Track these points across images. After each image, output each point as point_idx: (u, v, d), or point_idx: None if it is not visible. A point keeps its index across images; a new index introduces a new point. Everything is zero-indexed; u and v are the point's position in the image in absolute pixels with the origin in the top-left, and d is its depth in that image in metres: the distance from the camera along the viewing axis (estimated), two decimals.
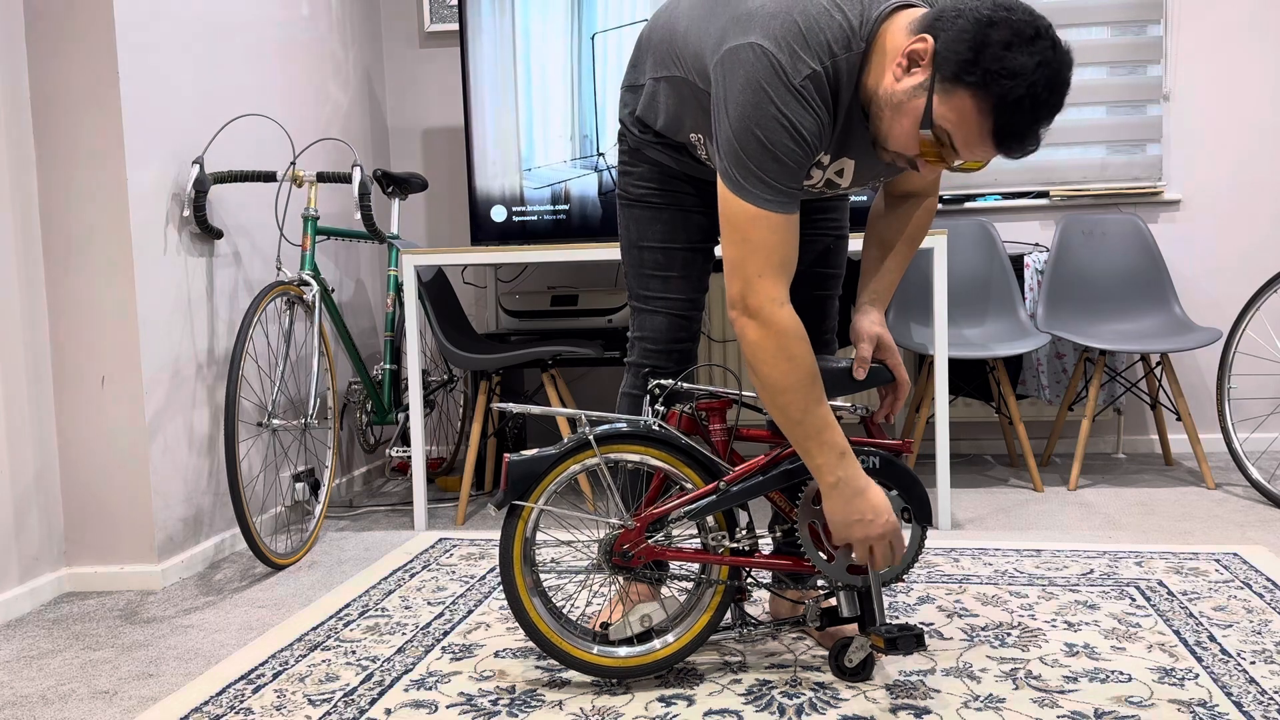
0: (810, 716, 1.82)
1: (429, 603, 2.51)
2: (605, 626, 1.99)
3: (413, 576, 2.72)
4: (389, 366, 3.58)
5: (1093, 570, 2.58)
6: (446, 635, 2.29)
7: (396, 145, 4.33)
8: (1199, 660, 2.01)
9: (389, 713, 1.90)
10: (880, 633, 1.85)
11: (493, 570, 2.75)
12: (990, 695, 1.88)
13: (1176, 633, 2.16)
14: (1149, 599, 2.36)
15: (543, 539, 3.01)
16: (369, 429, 3.79)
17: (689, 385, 2.00)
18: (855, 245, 2.50)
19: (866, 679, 1.95)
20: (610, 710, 1.87)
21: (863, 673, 1.95)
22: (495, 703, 1.92)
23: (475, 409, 3.49)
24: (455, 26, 4.21)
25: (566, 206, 3.78)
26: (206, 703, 1.97)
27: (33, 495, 2.64)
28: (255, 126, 3.25)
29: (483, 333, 4.02)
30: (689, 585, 2.29)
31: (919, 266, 3.77)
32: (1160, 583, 2.47)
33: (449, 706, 1.92)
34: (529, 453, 1.92)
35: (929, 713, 1.82)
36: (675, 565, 2.50)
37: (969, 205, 4.03)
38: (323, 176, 3.15)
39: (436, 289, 3.55)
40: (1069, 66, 1.60)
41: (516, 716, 1.86)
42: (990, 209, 4.04)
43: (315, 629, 2.35)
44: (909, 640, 1.84)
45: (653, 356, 2.10)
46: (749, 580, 2.01)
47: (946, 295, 3.03)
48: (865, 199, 3.57)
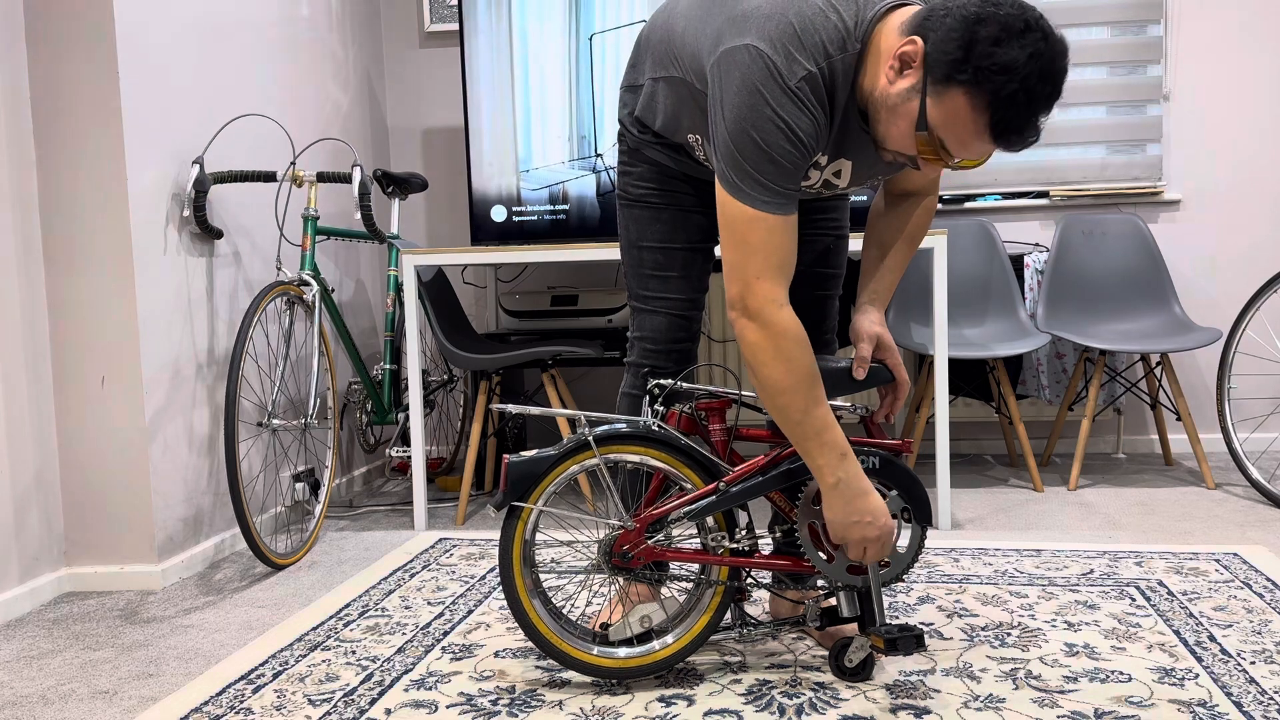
0: (810, 716, 1.82)
1: (429, 603, 2.51)
2: (605, 627, 1.99)
3: (413, 576, 2.72)
4: (389, 366, 3.58)
5: (1093, 570, 2.58)
6: (446, 635, 2.29)
7: (396, 145, 4.33)
8: (1199, 660, 2.01)
9: (389, 713, 1.90)
10: (880, 633, 1.85)
11: (493, 570, 2.75)
12: (990, 695, 1.88)
13: (1176, 633, 2.16)
14: (1149, 599, 2.36)
15: (542, 539, 3.01)
16: (369, 429, 3.79)
17: (689, 385, 2.00)
18: (855, 245, 2.50)
19: (866, 679, 1.95)
20: (610, 710, 1.87)
21: (863, 673, 1.95)
22: (495, 703, 1.93)
23: (475, 409, 3.49)
24: (455, 26, 4.21)
25: (566, 206, 3.78)
26: (206, 703, 1.97)
27: (33, 495, 2.64)
28: (255, 126, 3.25)
29: (483, 333, 4.02)
30: (689, 586, 2.29)
31: (919, 266, 3.77)
32: (1160, 583, 2.47)
33: (449, 706, 1.92)
34: (528, 453, 1.92)
35: (929, 713, 1.82)
36: (675, 566, 2.50)
37: (969, 205, 4.03)
38: (323, 176, 3.15)
39: (436, 289, 3.55)
40: (1063, 54, 1.58)
41: (516, 716, 1.86)
42: (990, 209, 4.04)
43: (315, 629, 2.35)
44: (909, 640, 1.84)
45: (652, 356, 2.10)
46: (749, 580, 2.01)
47: (946, 295, 3.03)
48: (865, 198, 3.57)
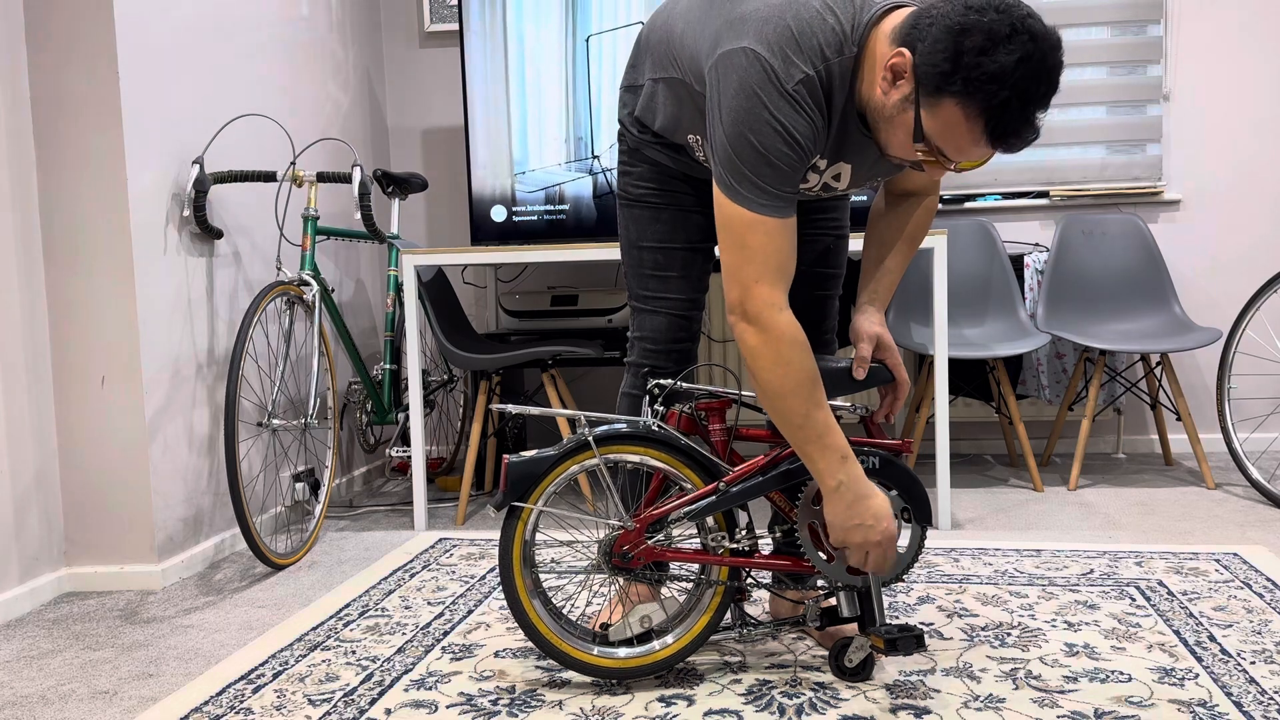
0: (810, 716, 1.82)
1: (429, 603, 2.51)
2: (605, 627, 1.99)
3: (413, 576, 2.72)
4: (389, 366, 3.58)
5: (1093, 570, 2.58)
6: (446, 635, 2.29)
7: (396, 145, 4.33)
8: (1199, 660, 2.01)
9: (389, 713, 1.90)
10: (880, 633, 1.85)
11: (493, 570, 2.75)
12: (990, 695, 1.88)
13: (1176, 633, 2.16)
14: (1149, 599, 2.36)
15: (542, 540, 3.01)
16: (369, 429, 3.79)
17: (688, 385, 2.00)
18: (855, 245, 2.50)
19: (866, 679, 1.95)
20: (610, 710, 1.87)
21: (863, 673, 1.95)
22: (495, 703, 1.93)
23: (475, 409, 3.49)
24: (455, 26, 4.21)
25: (566, 206, 3.78)
26: (206, 703, 1.97)
27: (33, 495, 2.64)
28: (255, 126, 3.25)
29: (483, 333, 4.02)
30: (689, 586, 2.29)
31: (919, 266, 3.77)
32: (1160, 583, 2.47)
33: (449, 706, 1.92)
34: (528, 453, 1.92)
35: (929, 713, 1.82)
36: (675, 566, 2.50)
37: (969, 205, 4.03)
38: (323, 176, 3.14)
39: (436, 289, 3.55)
40: (1055, 50, 1.56)
41: (516, 716, 1.86)
42: (990, 209, 4.04)
43: (315, 629, 2.35)
44: (909, 641, 1.84)
45: (652, 356, 2.10)
46: (749, 580, 2.01)
47: (946, 295, 3.03)
48: (865, 198, 3.57)
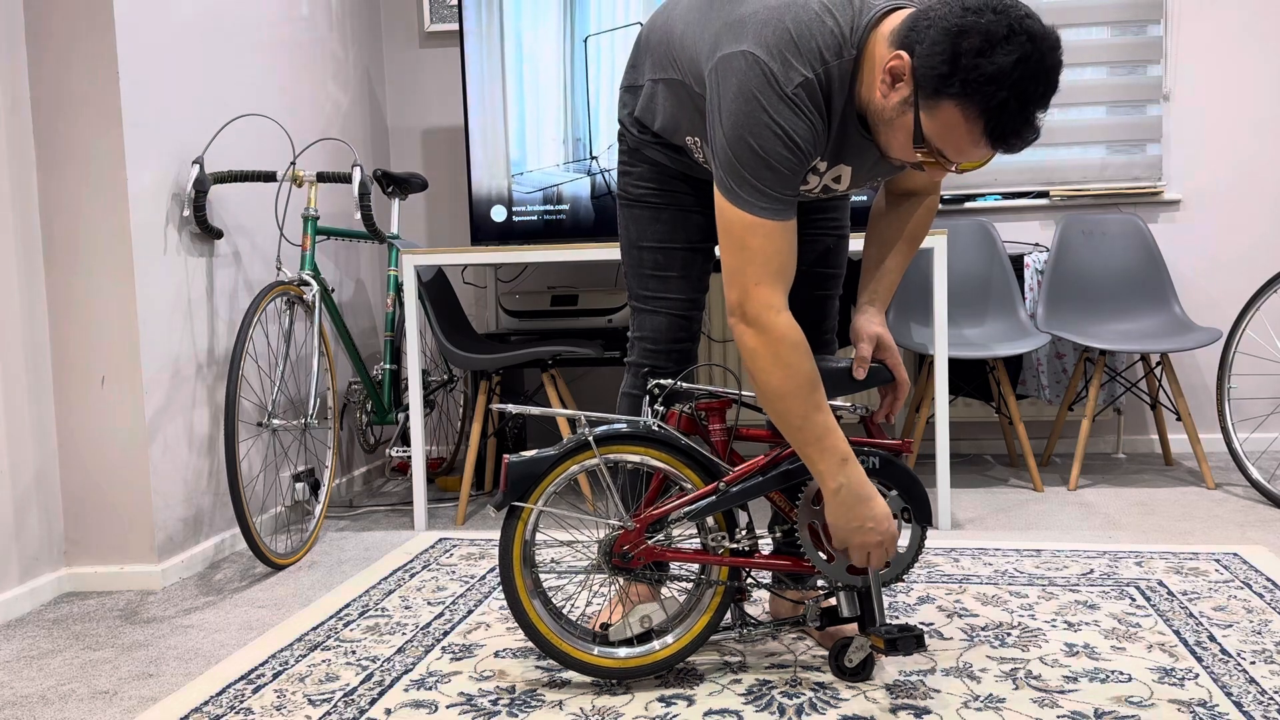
0: (810, 716, 1.82)
1: (429, 603, 2.51)
2: (605, 627, 1.99)
3: (413, 576, 2.72)
4: (389, 366, 3.58)
5: (1093, 570, 2.58)
6: (446, 635, 2.29)
7: (396, 145, 4.33)
8: (1199, 660, 2.01)
9: (389, 713, 1.90)
10: (880, 633, 1.85)
11: (493, 570, 2.75)
12: (990, 695, 1.88)
13: (1176, 633, 2.16)
14: (1149, 599, 2.36)
15: (542, 539, 3.01)
16: (369, 429, 3.79)
17: (689, 385, 2.00)
18: (856, 245, 2.50)
19: (866, 679, 1.95)
20: (610, 710, 1.87)
21: (863, 673, 1.95)
22: (495, 703, 1.93)
23: (475, 409, 3.49)
24: (455, 26, 4.21)
25: (565, 206, 3.78)
26: (206, 703, 1.97)
27: (33, 495, 2.64)
28: (255, 126, 3.25)
29: (483, 333, 4.02)
30: (689, 586, 2.29)
31: (919, 266, 3.77)
32: (1160, 583, 2.47)
33: (449, 706, 1.92)
34: (528, 453, 1.92)
35: (929, 713, 1.82)
36: (675, 566, 2.50)
37: (969, 205, 4.03)
38: (323, 176, 3.14)
39: (436, 289, 3.55)
40: (1054, 49, 1.56)
41: (516, 716, 1.86)
42: (990, 209, 4.04)
43: (315, 629, 2.35)
44: (909, 641, 1.84)
45: (652, 356, 2.10)
46: (749, 580, 2.01)
47: (946, 295, 3.03)
48: (865, 198, 3.57)
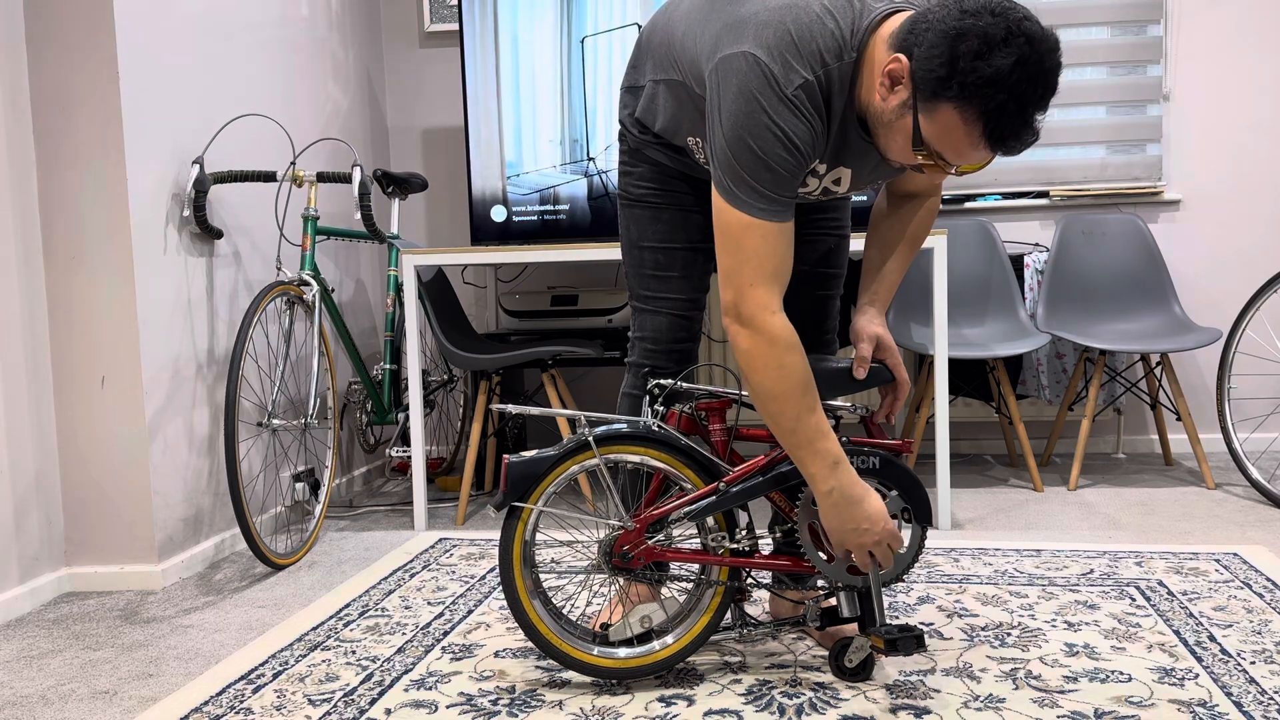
0: (810, 716, 1.82)
1: (429, 603, 2.51)
2: (605, 627, 1.99)
3: (413, 576, 2.72)
4: (389, 366, 3.58)
5: (1093, 570, 2.58)
6: (446, 635, 2.29)
7: (396, 145, 4.33)
8: (1199, 660, 2.01)
9: (389, 713, 1.90)
10: (880, 633, 1.85)
11: (493, 570, 2.75)
12: (990, 695, 1.88)
13: (1176, 633, 2.16)
14: (1149, 599, 2.36)
15: (542, 540, 3.01)
16: (369, 429, 3.79)
17: (689, 385, 2.00)
18: (856, 245, 2.50)
19: (866, 679, 1.95)
20: (610, 710, 1.87)
21: (863, 673, 1.95)
22: (495, 703, 1.93)
23: (475, 409, 3.49)
24: (455, 26, 4.21)
25: (565, 206, 3.78)
26: (206, 703, 1.97)
27: (33, 495, 2.64)
28: (255, 126, 3.25)
29: (483, 333, 4.02)
30: (689, 586, 2.29)
31: (919, 266, 3.77)
32: (1160, 583, 2.47)
33: (449, 706, 1.92)
34: (528, 454, 1.92)
35: (929, 713, 1.82)
36: (675, 566, 2.50)
37: (969, 205, 4.03)
38: (323, 176, 3.14)
39: (436, 289, 3.55)
40: (1052, 52, 1.56)
41: (516, 716, 1.86)
42: (990, 209, 4.04)
43: (315, 629, 2.35)
44: (909, 641, 1.84)
45: (653, 356, 2.10)
46: (749, 580, 2.01)
47: (946, 295, 3.03)
48: (866, 199, 3.57)
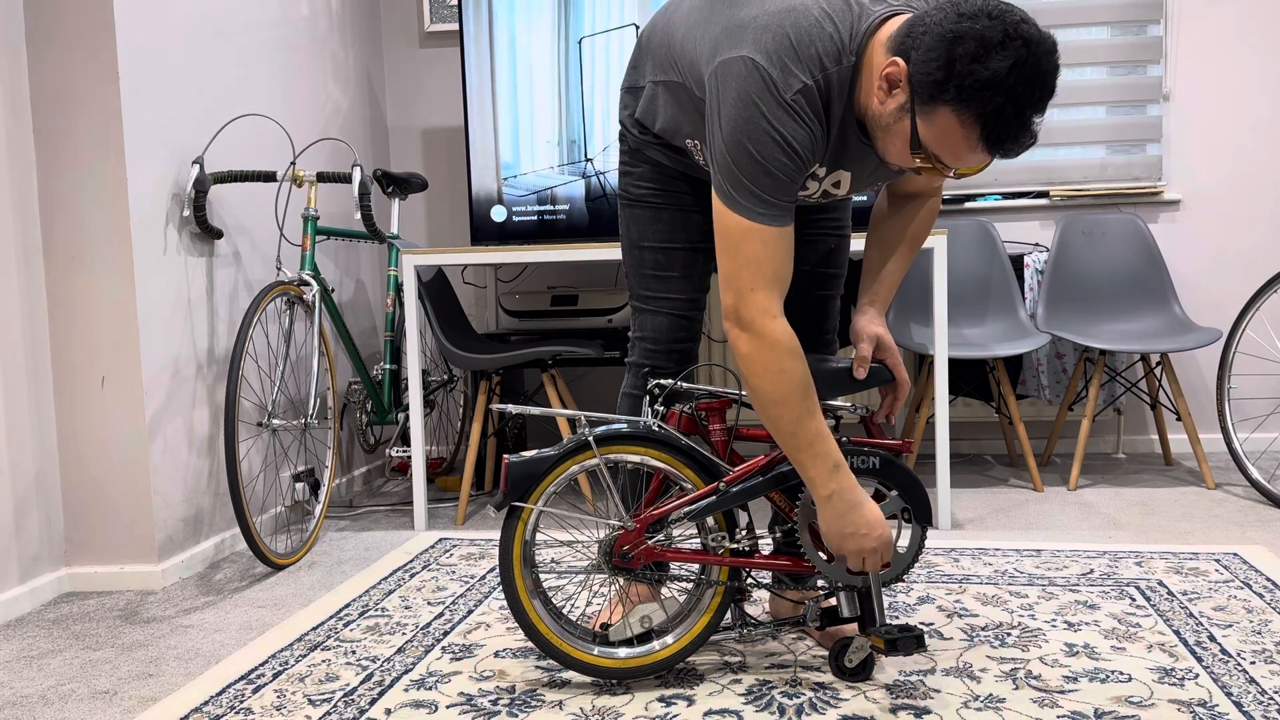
0: (810, 716, 1.82)
1: (429, 603, 2.51)
2: (605, 627, 1.99)
3: (413, 576, 2.72)
4: (389, 366, 3.58)
5: (1093, 570, 2.58)
6: (446, 635, 2.29)
7: (396, 145, 4.33)
8: (1199, 660, 2.01)
9: (389, 713, 1.90)
10: (880, 633, 1.85)
11: (493, 570, 2.75)
12: (990, 695, 1.88)
13: (1176, 633, 2.16)
14: (1149, 599, 2.36)
15: (543, 540, 3.01)
16: (369, 429, 3.79)
17: (689, 385, 2.00)
18: (857, 245, 2.50)
19: (866, 679, 1.95)
20: (610, 710, 1.87)
21: (863, 673, 1.95)
22: (495, 703, 1.93)
23: (475, 409, 3.49)
24: (455, 26, 4.21)
25: (565, 207, 3.78)
26: (206, 703, 1.97)
27: (33, 495, 2.64)
28: (255, 126, 3.25)
29: (483, 333, 4.02)
30: (689, 586, 2.29)
31: (919, 266, 3.77)
32: (1160, 583, 2.47)
33: (449, 706, 1.92)
34: (528, 454, 1.92)
35: (929, 713, 1.82)
36: (675, 566, 2.50)
37: (969, 205, 4.03)
38: (323, 176, 3.14)
39: (436, 289, 3.55)
40: (1050, 54, 1.56)
41: (516, 716, 1.86)
42: (990, 209, 4.04)
43: (315, 629, 2.35)
44: (909, 641, 1.84)
45: (653, 356, 2.10)
46: (749, 580, 2.01)
47: (946, 295, 3.03)
48: (867, 199, 3.57)
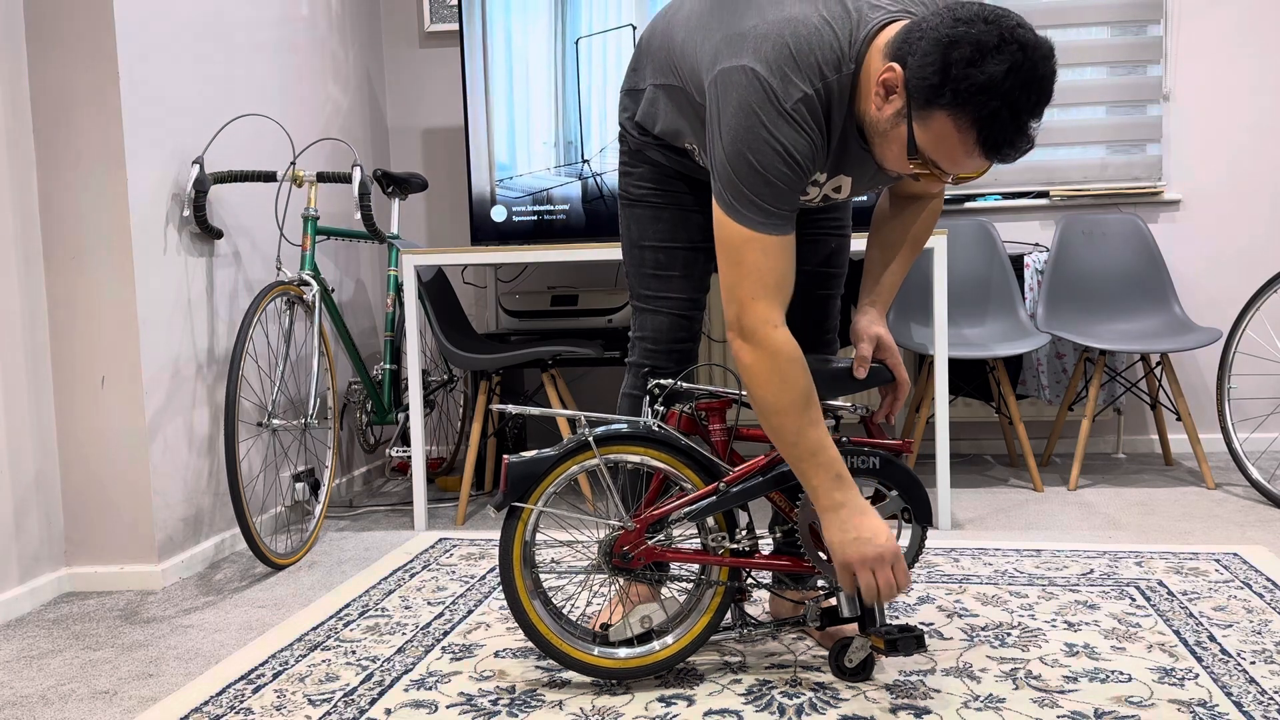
0: (810, 716, 1.82)
1: (429, 603, 2.51)
2: (605, 627, 1.99)
3: (413, 576, 2.72)
4: (389, 366, 3.58)
5: (1093, 570, 2.58)
6: (446, 635, 2.29)
7: (396, 145, 4.33)
8: (1199, 660, 2.01)
9: (389, 713, 1.90)
10: (880, 633, 1.85)
11: (493, 570, 2.75)
12: (990, 695, 1.88)
13: (1176, 633, 2.16)
14: (1149, 599, 2.36)
15: (543, 540, 3.01)
16: (369, 429, 3.79)
17: (689, 385, 2.00)
18: (857, 245, 2.50)
19: (866, 679, 1.95)
20: (610, 710, 1.87)
21: (863, 673, 1.95)
22: (495, 703, 1.93)
23: (475, 409, 3.49)
24: (455, 26, 4.21)
25: (565, 207, 3.78)
26: (206, 703, 1.97)
27: (33, 495, 2.64)
28: (255, 126, 3.25)
29: (483, 333, 4.02)
30: (689, 586, 2.29)
31: (919, 266, 3.77)
32: (1160, 583, 2.47)
33: (449, 706, 1.92)
34: (528, 454, 1.92)
35: (929, 713, 1.82)
36: (675, 566, 2.50)
37: (969, 205, 4.03)
38: (323, 176, 3.14)
39: (436, 289, 3.55)
40: (1047, 58, 1.56)
41: (516, 716, 1.86)
42: (990, 209, 4.04)
43: (315, 629, 2.35)
44: (909, 641, 1.84)
45: (653, 356, 2.10)
46: (749, 581, 2.01)
47: (946, 295, 3.03)
48: (868, 199, 3.57)
